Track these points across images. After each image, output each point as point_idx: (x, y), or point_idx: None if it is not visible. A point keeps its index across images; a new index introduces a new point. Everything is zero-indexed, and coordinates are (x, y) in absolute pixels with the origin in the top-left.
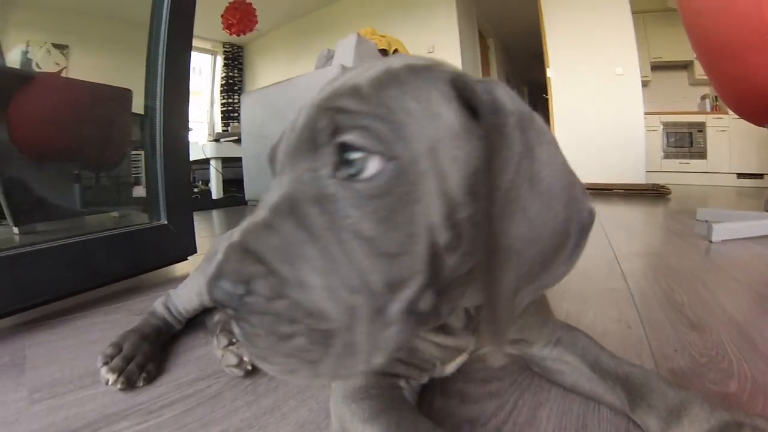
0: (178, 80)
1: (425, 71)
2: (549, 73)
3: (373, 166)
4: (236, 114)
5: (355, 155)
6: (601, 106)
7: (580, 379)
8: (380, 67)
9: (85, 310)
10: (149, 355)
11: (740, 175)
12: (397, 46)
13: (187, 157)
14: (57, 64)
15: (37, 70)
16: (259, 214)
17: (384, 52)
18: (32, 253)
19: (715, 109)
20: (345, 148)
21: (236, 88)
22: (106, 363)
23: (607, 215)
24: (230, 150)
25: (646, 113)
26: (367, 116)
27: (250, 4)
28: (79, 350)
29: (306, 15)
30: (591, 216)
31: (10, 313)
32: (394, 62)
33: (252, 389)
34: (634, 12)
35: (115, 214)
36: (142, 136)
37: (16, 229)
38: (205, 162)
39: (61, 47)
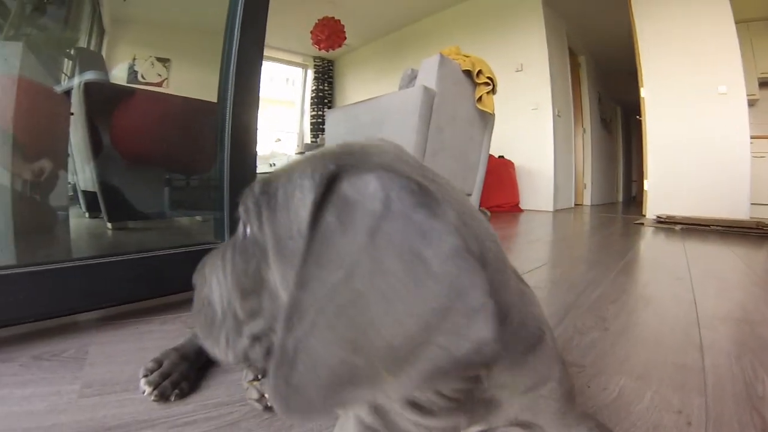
0: (247, 92)
1: (312, 166)
2: (643, 92)
3: (247, 230)
4: (325, 126)
5: None
6: (701, 129)
7: None
8: (308, 157)
9: (147, 316)
10: (185, 375)
11: None
12: (481, 67)
13: (253, 177)
14: (159, 75)
15: (139, 81)
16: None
17: (468, 73)
18: (111, 263)
19: None
20: None
21: (326, 101)
22: (145, 375)
23: (698, 259)
24: None
25: (752, 137)
26: (253, 199)
27: (339, 20)
28: (133, 355)
29: (394, 32)
30: (474, 352)
31: (88, 310)
32: (316, 154)
33: (268, 424)
34: (738, 21)
35: (198, 218)
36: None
37: (109, 225)
38: None
39: (163, 60)
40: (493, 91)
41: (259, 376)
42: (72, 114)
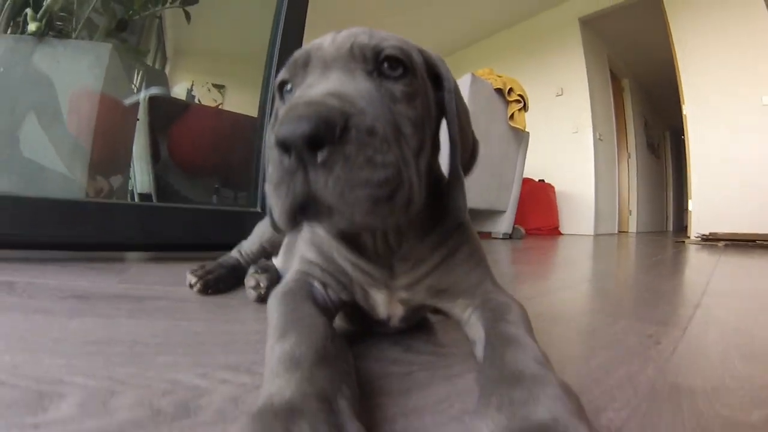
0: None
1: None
2: (685, 110)
3: (403, 72)
4: None
5: (389, 65)
6: (745, 143)
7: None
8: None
9: (189, 261)
10: (222, 277)
11: None
12: (512, 85)
13: None
14: (214, 100)
15: (195, 102)
16: (319, 89)
17: (499, 92)
18: (160, 208)
19: None
20: (385, 60)
21: None
22: (193, 272)
23: (729, 264)
24: None
25: None
26: (396, 47)
27: None
28: (164, 276)
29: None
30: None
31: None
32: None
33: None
34: None
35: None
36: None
37: None
38: None
39: (219, 86)
40: (525, 108)
41: (259, 270)
42: (138, 120)
